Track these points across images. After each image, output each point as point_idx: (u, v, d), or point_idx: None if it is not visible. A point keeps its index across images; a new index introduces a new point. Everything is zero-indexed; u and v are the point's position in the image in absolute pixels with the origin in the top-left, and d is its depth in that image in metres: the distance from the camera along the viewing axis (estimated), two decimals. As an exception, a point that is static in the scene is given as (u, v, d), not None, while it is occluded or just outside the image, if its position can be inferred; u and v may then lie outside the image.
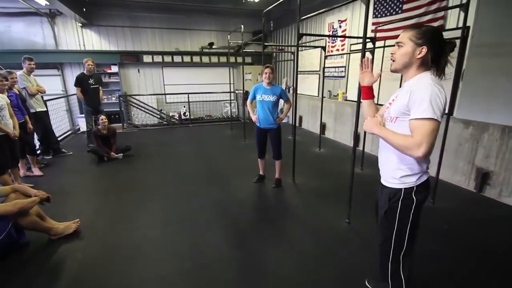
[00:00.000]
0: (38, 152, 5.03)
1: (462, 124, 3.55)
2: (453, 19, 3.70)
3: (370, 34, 4.27)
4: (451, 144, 3.62)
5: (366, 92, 1.56)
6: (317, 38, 6.43)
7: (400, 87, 3.87)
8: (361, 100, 1.61)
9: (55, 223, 2.48)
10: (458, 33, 3.10)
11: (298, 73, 3.64)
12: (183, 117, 8.83)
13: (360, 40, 2.66)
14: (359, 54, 2.61)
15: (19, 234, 2.27)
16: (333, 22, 6.16)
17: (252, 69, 8.64)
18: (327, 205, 3.18)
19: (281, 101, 3.58)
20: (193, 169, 4.39)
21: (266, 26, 8.89)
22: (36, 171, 4.18)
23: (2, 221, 2.14)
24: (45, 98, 5.14)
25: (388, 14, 4.59)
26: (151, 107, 8.43)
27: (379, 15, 4.78)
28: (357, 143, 5.27)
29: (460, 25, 3.20)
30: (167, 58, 8.38)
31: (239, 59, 7.53)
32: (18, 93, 4.03)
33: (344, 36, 5.72)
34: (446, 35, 3.69)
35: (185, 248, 2.40)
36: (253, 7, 7.39)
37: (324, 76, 5.54)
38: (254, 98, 3.52)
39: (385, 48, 4.58)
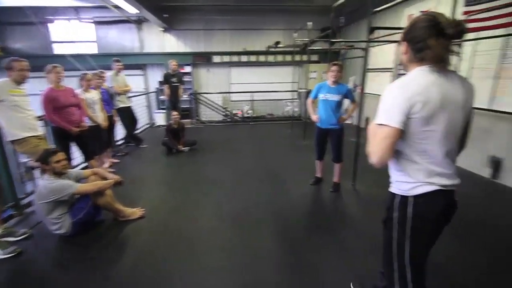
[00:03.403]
0: (122, 142, 5.78)
1: None
2: None
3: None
4: None
5: None
6: (391, 32, 5.83)
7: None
8: None
9: (123, 207, 2.78)
10: None
11: (367, 71, 3.35)
12: (245, 115, 9.07)
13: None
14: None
15: (96, 212, 2.61)
16: (413, 14, 5.51)
17: (318, 68, 8.36)
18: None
19: (345, 101, 3.35)
20: (250, 167, 4.45)
21: (335, 22, 8.49)
22: (107, 163, 4.41)
23: (85, 199, 2.49)
24: (129, 94, 5.85)
25: (483, 0, 3.88)
26: (217, 104, 8.88)
27: (472, 2, 4.08)
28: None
29: None
30: (235, 58, 8.72)
31: (305, 58, 7.37)
32: (107, 89, 4.66)
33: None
34: None
35: (235, 244, 2.43)
36: (323, 2, 7.12)
37: (398, 74, 5.02)
38: (316, 96, 3.37)
39: (479, 41, 3.87)
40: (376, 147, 1.14)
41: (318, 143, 3.49)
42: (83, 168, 3.57)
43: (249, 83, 9.04)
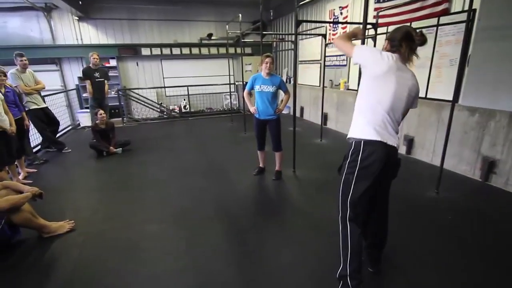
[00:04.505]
0: (38, 148, 5.04)
1: (468, 112, 3.43)
2: (459, 2, 3.53)
3: (372, 20, 4.13)
4: (456, 133, 3.51)
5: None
6: (317, 25, 6.25)
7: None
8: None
9: (47, 222, 2.44)
10: (464, 17, 2.95)
11: (299, 63, 3.52)
12: (183, 110, 8.75)
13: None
14: (359, 42, 2.52)
15: (13, 231, 2.24)
16: (334, 9, 5.97)
17: (252, 60, 8.48)
18: (329, 197, 3.10)
19: (281, 92, 3.48)
20: (192, 163, 4.33)
21: (265, 15, 8.69)
22: (21, 175, 3.86)
23: (-5, 218, 2.11)
24: (43, 93, 5.09)
25: (390, -2, 4.41)
26: (151, 100, 8.36)
27: (381, 0, 4.61)
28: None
29: (466, 8, 3.05)
30: (166, 51, 8.26)
31: (239, 50, 7.38)
32: (12, 89, 3.97)
33: (344, 23, 5.55)
34: (451, 18, 3.55)
35: (183, 244, 2.35)
36: (252, -5, 7.19)
37: (325, 66, 5.41)
38: (251, 88, 3.42)
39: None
40: (342, 39, 1.75)
41: (258, 134, 3.58)
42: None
43: (184, 77, 8.70)
